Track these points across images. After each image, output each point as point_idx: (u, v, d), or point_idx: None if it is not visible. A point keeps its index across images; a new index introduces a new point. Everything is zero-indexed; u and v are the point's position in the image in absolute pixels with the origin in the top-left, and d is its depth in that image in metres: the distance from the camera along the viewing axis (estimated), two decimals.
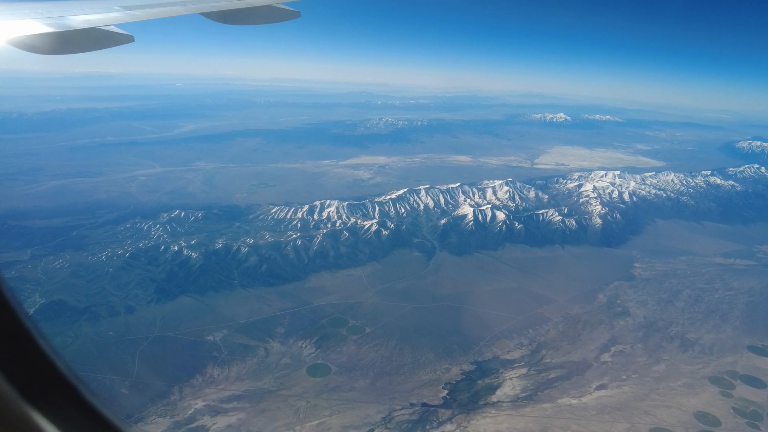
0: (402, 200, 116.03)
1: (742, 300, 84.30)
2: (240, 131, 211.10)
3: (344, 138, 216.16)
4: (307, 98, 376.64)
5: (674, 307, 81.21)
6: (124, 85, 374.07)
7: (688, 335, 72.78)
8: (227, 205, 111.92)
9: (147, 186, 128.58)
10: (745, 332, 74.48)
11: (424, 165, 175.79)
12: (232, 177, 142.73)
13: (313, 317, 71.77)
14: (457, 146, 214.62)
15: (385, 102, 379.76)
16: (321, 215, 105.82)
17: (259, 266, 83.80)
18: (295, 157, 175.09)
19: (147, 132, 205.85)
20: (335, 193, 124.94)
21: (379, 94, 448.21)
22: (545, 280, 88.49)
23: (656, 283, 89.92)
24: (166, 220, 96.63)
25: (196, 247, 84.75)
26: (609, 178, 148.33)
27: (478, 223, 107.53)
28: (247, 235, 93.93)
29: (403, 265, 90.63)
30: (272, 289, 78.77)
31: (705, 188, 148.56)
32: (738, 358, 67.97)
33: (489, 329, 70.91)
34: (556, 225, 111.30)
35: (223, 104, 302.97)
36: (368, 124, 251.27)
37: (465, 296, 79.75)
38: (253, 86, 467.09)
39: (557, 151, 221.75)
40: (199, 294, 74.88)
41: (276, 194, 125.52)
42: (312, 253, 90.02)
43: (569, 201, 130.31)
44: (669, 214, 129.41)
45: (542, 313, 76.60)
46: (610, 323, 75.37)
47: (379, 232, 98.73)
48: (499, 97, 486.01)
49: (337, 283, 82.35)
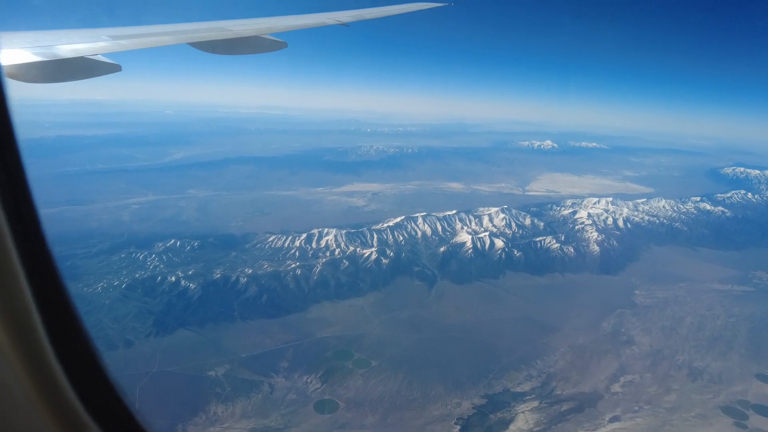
0: (400, 228, 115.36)
1: (745, 326, 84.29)
2: (232, 158, 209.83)
3: (337, 165, 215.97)
4: (296, 125, 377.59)
5: (678, 335, 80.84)
6: (113, 112, 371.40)
7: (696, 363, 72.27)
8: (223, 234, 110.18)
9: (140, 214, 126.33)
10: (751, 360, 74.18)
11: (417, 192, 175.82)
12: (226, 205, 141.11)
13: (317, 350, 70.04)
14: (449, 173, 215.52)
15: (374, 129, 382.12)
16: (319, 244, 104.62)
17: (259, 297, 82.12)
18: (288, 185, 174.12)
19: (138, 159, 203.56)
20: (331, 220, 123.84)
21: (367, 121, 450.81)
22: (549, 308, 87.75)
23: (658, 311, 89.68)
24: (161, 250, 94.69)
25: (193, 278, 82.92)
26: (602, 205, 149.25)
27: (478, 250, 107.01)
28: (245, 264, 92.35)
29: (405, 294, 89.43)
30: (273, 321, 76.99)
31: (696, 214, 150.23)
32: (747, 386, 67.48)
33: (497, 360, 69.71)
34: (555, 252, 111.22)
35: (214, 131, 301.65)
36: (360, 151, 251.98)
37: (470, 326, 78.60)
38: (242, 114, 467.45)
39: (547, 178, 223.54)
40: (198, 326, 72.86)
41: (272, 222, 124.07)
42: (312, 282, 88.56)
43: (565, 228, 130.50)
44: (663, 240, 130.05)
45: (549, 343, 75.66)
46: (617, 352, 74.65)
47: (379, 260, 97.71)
48: (486, 125, 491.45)
49: (339, 314, 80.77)
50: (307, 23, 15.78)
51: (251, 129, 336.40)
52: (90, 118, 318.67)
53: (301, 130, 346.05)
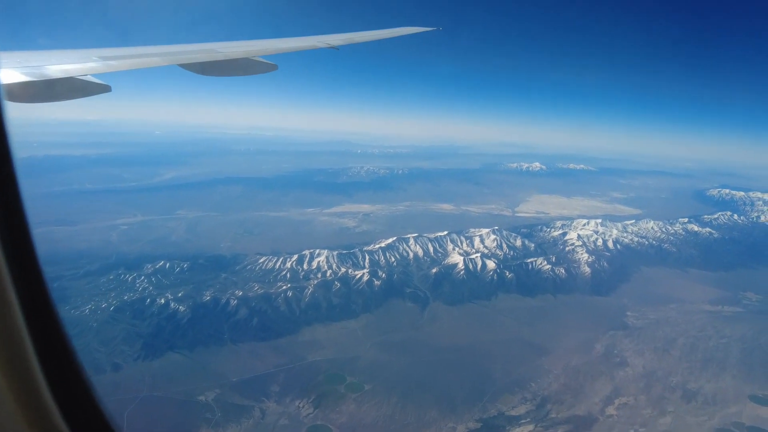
0: (391, 249, 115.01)
1: (736, 348, 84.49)
2: (221, 179, 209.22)
3: (327, 186, 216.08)
4: (286, 146, 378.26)
5: (671, 357, 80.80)
6: (101, 132, 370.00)
7: (689, 385, 72.12)
8: (213, 255, 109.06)
9: (128, 235, 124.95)
10: (744, 381, 74.18)
11: (408, 213, 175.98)
12: (216, 225, 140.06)
13: (309, 374, 68.97)
14: (439, 194, 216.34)
15: (364, 151, 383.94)
16: (311, 265, 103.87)
17: (249, 319, 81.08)
18: (278, 205, 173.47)
19: (126, 179, 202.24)
20: (322, 241, 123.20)
21: (358, 142, 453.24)
22: (541, 330, 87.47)
23: (650, 332, 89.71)
24: (150, 272, 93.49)
25: (183, 300, 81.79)
26: (592, 227, 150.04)
27: (469, 272, 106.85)
28: (235, 286, 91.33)
29: (398, 316, 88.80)
30: (264, 344, 75.93)
31: (684, 235, 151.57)
32: (741, 408, 67.36)
33: (491, 383, 69.07)
34: (546, 274, 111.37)
35: (203, 152, 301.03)
36: (350, 172, 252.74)
37: (464, 348, 77.99)
38: (232, 134, 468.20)
39: (536, 200, 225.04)
40: (188, 350, 71.60)
41: (262, 243, 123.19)
42: (304, 305, 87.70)
43: (555, 249, 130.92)
44: (653, 262, 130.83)
45: (543, 365, 75.21)
46: (611, 374, 74.32)
47: (371, 282, 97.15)
48: (475, 147, 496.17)
49: (331, 337, 79.84)
50: (297, 46, 15.82)
51: (241, 149, 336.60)
52: (79, 138, 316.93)
53: (291, 151, 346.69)
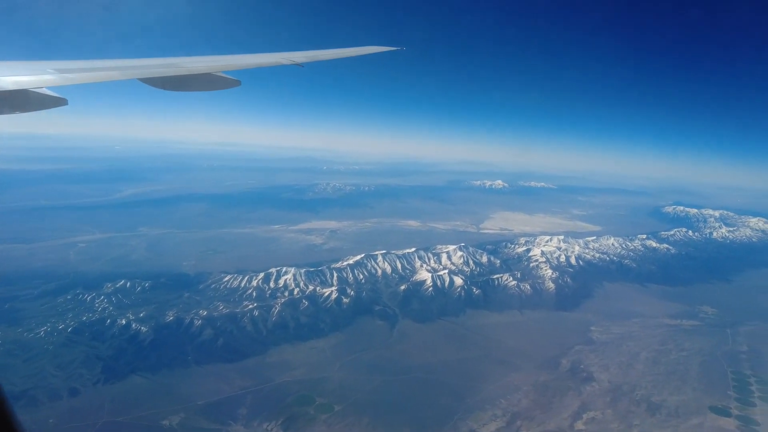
0: (360, 266, 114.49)
1: (696, 360, 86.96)
2: (184, 195, 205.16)
3: (293, 202, 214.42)
4: (251, 162, 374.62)
5: (635, 371, 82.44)
6: (58, 147, 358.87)
7: (653, 398, 73.60)
8: (176, 274, 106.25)
9: (87, 253, 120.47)
10: (704, 393, 76.21)
11: (375, 230, 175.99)
12: (179, 243, 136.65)
13: (278, 396, 67.26)
14: (406, 211, 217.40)
15: (330, 167, 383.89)
16: (278, 283, 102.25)
17: (214, 340, 78.86)
18: (243, 222, 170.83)
19: (85, 195, 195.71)
20: (289, 259, 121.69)
21: (323, 159, 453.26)
22: (509, 346, 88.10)
23: (614, 347, 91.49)
24: (110, 291, 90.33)
25: (145, 321, 79.09)
26: (554, 243, 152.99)
27: (438, 288, 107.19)
28: (199, 306, 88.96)
29: (367, 334, 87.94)
30: (230, 366, 73.82)
31: (643, 251, 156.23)
32: (703, 419, 69.07)
33: (462, 401, 68.88)
34: (513, 290, 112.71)
35: (165, 168, 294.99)
36: (316, 189, 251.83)
37: (434, 366, 77.70)
38: (195, 150, 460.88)
39: (500, 216, 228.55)
40: (150, 372, 68.93)
41: (227, 261, 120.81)
42: (271, 324, 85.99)
43: (520, 265, 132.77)
44: (615, 277, 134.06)
45: (512, 381, 75.53)
46: (578, 389, 75.20)
47: (340, 300, 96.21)
48: (439, 164, 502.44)
49: (299, 357, 78.30)
50: (261, 62, 15.63)
51: (204, 165, 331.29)
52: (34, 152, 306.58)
53: (255, 167, 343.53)
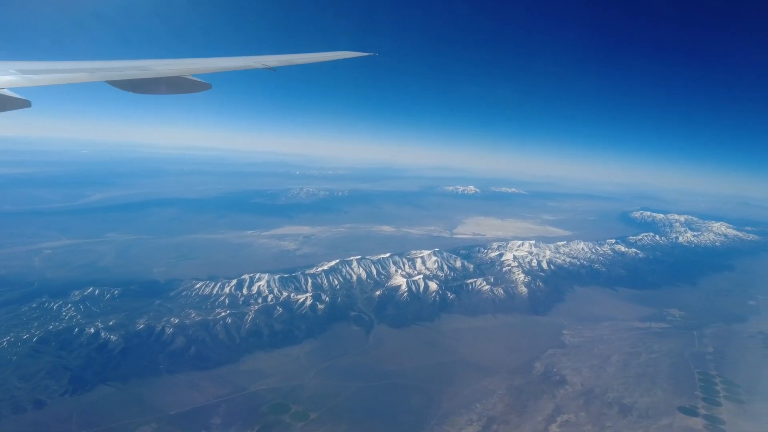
0: (334, 272, 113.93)
1: (665, 362, 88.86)
2: (154, 200, 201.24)
3: (266, 207, 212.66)
4: (223, 167, 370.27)
5: (607, 373, 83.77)
6: (21, 150, 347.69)
7: (625, 400, 74.82)
8: (146, 281, 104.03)
9: (53, 260, 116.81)
10: (673, 394, 77.84)
11: (350, 235, 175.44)
12: (149, 249, 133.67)
13: (252, 404, 66.09)
14: (380, 216, 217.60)
15: (303, 172, 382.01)
16: (251, 290, 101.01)
17: (186, 348, 77.22)
18: (215, 228, 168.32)
19: (50, 201, 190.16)
20: (262, 265, 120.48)
21: (296, 164, 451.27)
22: (484, 351, 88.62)
23: (586, 350, 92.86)
24: (78, 299, 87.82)
25: (114, 329, 76.92)
26: (526, 248, 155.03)
27: (413, 293, 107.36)
28: (170, 313, 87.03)
29: (343, 340, 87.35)
30: (203, 374, 72.32)
31: (612, 256, 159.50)
32: (672, 420, 70.46)
33: (438, 406, 68.86)
34: (486, 294, 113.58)
35: (134, 172, 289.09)
36: (289, 194, 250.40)
37: (410, 372, 77.57)
38: (165, 154, 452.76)
39: (473, 222, 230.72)
40: (121, 382, 66.98)
41: (198, 268, 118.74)
42: (244, 332, 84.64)
43: (493, 270, 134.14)
44: (585, 281, 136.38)
45: (487, 386, 75.87)
46: (552, 392, 75.96)
47: (315, 306, 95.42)
48: (412, 170, 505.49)
49: (274, 364, 77.20)
50: (232, 66, 15.58)
51: (174, 170, 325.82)
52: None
53: (227, 172, 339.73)
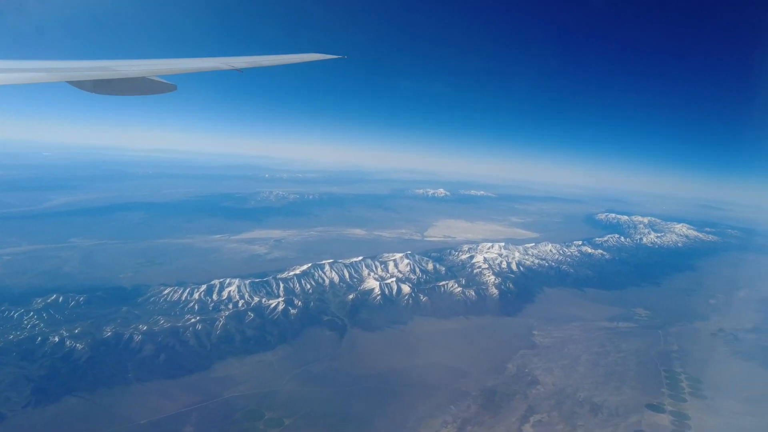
0: (307, 276, 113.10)
1: (632, 361, 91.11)
2: (119, 204, 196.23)
3: (235, 211, 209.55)
4: (190, 170, 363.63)
5: (577, 372, 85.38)
6: None
7: (595, 399, 76.37)
8: (112, 287, 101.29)
9: (13, 267, 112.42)
10: (641, 392, 79.82)
11: (321, 238, 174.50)
12: (115, 255, 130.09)
13: (225, 411, 64.94)
14: (351, 219, 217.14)
15: (272, 175, 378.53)
16: (221, 295, 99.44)
17: (156, 356, 75.40)
18: (183, 232, 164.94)
19: (10, 205, 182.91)
20: (232, 270, 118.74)
21: (265, 166, 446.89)
22: (457, 352, 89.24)
23: (556, 350, 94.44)
24: (41, 307, 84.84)
25: (80, 337, 74.50)
26: (496, 250, 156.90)
27: (386, 297, 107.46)
28: (138, 320, 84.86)
29: (316, 345, 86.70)
30: (174, 382, 70.72)
31: (579, 257, 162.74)
32: (641, 417, 72.23)
33: (413, 409, 68.96)
34: (458, 296, 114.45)
35: (99, 175, 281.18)
36: (259, 197, 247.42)
37: (384, 376, 77.48)
38: (130, 156, 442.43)
39: (443, 224, 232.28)
40: (88, 392, 64.91)
41: (166, 273, 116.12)
42: (215, 338, 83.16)
43: (464, 272, 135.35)
44: (554, 282, 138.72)
45: (461, 387, 76.36)
46: (524, 393, 76.95)
47: (287, 311, 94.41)
48: (382, 173, 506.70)
49: (246, 371, 76.07)
50: (199, 67, 15.33)
51: (140, 173, 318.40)
52: None
53: (194, 175, 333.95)
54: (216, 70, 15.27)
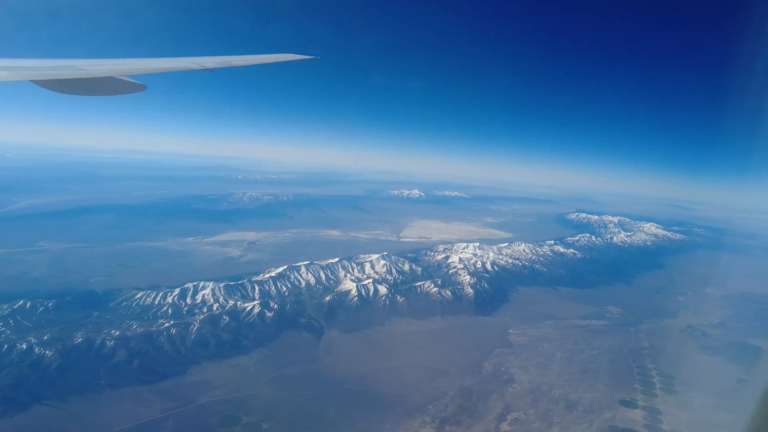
0: (282, 278, 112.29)
1: (605, 358, 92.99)
2: (88, 207, 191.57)
3: (207, 213, 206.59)
4: (161, 171, 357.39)
5: (552, 370, 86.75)
6: None
7: (570, 396, 77.71)
8: (82, 291, 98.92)
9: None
10: (614, 388, 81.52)
11: (296, 240, 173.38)
12: (85, 258, 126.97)
13: (201, 417, 64.05)
14: (326, 221, 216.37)
15: (245, 176, 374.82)
16: (195, 299, 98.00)
17: (129, 362, 73.93)
18: (155, 235, 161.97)
19: None
20: (206, 273, 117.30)
21: (238, 168, 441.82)
22: (434, 353, 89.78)
23: (531, 348, 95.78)
24: (7, 313, 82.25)
25: (50, 344, 72.62)
26: (471, 250, 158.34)
27: (363, 298, 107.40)
28: (110, 325, 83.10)
29: (293, 348, 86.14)
30: (148, 388, 69.47)
31: (552, 256, 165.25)
32: (615, 413, 73.79)
33: (392, 410, 69.12)
34: (434, 296, 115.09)
35: (67, 177, 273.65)
36: (232, 199, 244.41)
37: (362, 377, 77.46)
38: (99, 157, 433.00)
39: (418, 225, 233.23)
40: (58, 400, 63.27)
41: (139, 277, 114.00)
42: (190, 342, 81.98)
43: (440, 272, 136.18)
44: (527, 282, 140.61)
45: (438, 387, 76.84)
46: (501, 391, 77.83)
47: (263, 314, 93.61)
48: (357, 174, 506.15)
49: (222, 375, 75.15)
50: (168, 67, 15.13)
51: (109, 174, 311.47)
52: None
53: (165, 176, 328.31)
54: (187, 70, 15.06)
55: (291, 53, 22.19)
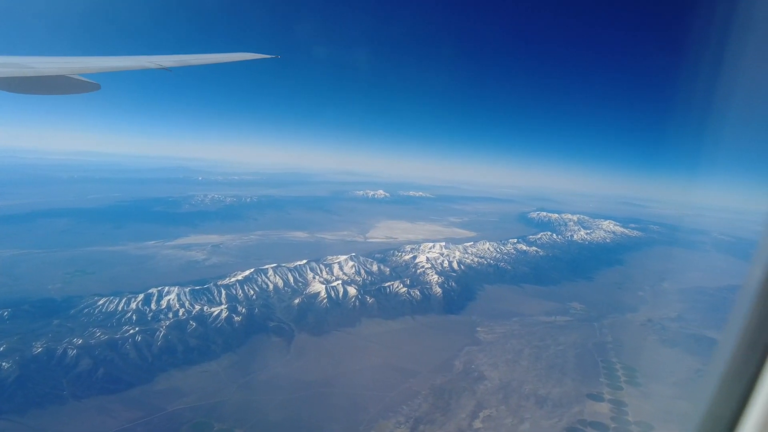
0: (249, 281, 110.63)
1: (571, 353, 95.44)
2: (42, 211, 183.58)
3: (168, 216, 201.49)
4: (117, 173, 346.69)
5: (521, 367, 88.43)
6: None
7: (540, 391, 79.39)
8: (40, 299, 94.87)
9: None
10: (581, 382, 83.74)
11: (261, 242, 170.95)
12: (40, 265, 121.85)
13: (171, 425, 62.48)
14: (291, 222, 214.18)
15: (206, 178, 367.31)
16: (160, 305, 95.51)
17: (93, 371, 71.46)
18: (113, 239, 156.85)
19: None
20: (170, 277, 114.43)
21: (198, 169, 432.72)
22: (405, 352, 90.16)
23: (500, 345, 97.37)
24: None
25: (6, 355, 69.48)
26: (437, 249, 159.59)
27: (332, 300, 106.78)
28: (72, 334, 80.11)
29: (263, 352, 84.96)
30: (114, 397, 67.37)
31: (516, 254, 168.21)
32: (583, 407, 75.79)
33: (365, 411, 69.08)
34: (404, 296, 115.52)
35: (16, 180, 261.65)
36: (193, 201, 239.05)
37: (334, 380, 77.13)
38: (51, 160, 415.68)
39: (384, 225, 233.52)
40: (17, 414, 60.61)
41: (99, 283, 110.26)
42: (156, 349, 79.85)
43: (408, 272, 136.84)
44: (493, 280, 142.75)
45: (411, 387, 77.26)
46: (472, 389, 78.84)
47: (231, 318, 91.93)
48: (320, 174, 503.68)
49: (191, 382, 73.52)
50: (124, 65, 14.75)
51: (63, 177, 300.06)
52: None
53: (122, 179, 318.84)
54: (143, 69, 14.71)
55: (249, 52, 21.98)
